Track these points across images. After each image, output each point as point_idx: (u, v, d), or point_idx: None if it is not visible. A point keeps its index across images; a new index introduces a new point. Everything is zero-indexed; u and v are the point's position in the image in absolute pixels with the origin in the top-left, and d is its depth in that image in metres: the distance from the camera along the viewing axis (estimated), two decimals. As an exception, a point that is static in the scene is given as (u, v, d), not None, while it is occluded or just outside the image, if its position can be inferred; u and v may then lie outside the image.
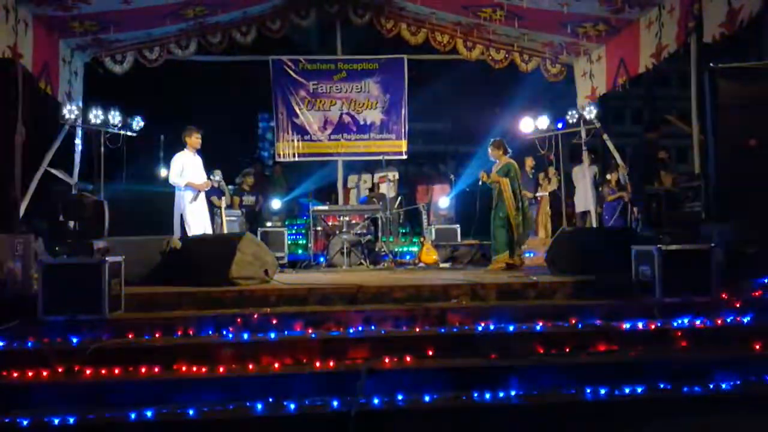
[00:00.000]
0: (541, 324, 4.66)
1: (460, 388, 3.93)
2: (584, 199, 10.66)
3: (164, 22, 8.94)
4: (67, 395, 3.83)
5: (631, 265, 5.35)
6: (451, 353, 4.31)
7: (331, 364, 4.14)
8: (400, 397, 3.83)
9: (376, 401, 3.76)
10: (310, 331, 4.54)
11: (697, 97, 6.88)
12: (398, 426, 3.71)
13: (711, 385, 3.99)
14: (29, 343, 4.29)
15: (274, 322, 4.59)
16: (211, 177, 7.93)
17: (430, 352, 4.30)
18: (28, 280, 4.99)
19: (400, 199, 10.72)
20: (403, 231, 11.24)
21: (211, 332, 4.53)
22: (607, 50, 9.24)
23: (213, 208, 8.97)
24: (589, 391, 3.91)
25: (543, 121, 10.03)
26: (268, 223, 10.81)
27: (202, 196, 7.70)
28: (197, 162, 7.71)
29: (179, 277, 5.80)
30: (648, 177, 8.31)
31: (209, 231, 7.76)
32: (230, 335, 4.47)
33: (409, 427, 3.73)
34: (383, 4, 10.22)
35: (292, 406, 3.71)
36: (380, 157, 10.33)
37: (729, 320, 4.73)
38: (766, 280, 5.17)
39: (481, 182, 7.92)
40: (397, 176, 11.21)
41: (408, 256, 9.85)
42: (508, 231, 7.53)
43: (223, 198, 9.20)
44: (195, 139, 7.64)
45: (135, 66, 9.81)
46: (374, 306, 4.93)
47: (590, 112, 9.44)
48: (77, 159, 9.16)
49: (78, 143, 9.12)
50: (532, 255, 9.54)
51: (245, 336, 4.43)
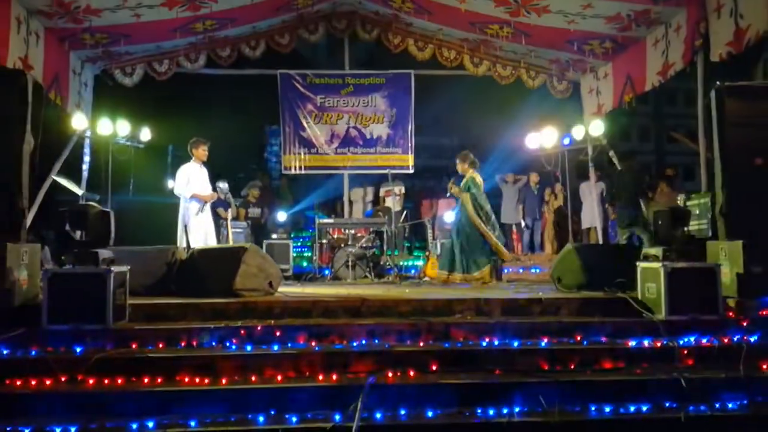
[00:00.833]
0: (545, 340, 4.63)
1: (464, 404, 3.90)
2: (590, 216, 10.65)
3: (174, 36, 9.05)
4: (69, 404, 3.82)
5: (636, 282, 5.33)
6: (455, 368, 4.28)
7: (334, 378, 4.12)
8: (403, 412, 3.81)
9: (379, 416, 3.74)
10: (313, 344, 4.52)
11: (704, 115, 6.89)
12: (400, 441, 3.69)
13: (717, 405, 3.95)
14: (33, 352, 4.29)
15: (278, 334, 4.58)
16: (218, 189, 7.96)
17: (434, 367, 4.28)
18: (34, 289, 5.00)
19: (405, 213, 10.72)
20: (408, 245, 11.23)
21: (214, 344, 4.52)
22: (614, 67, 9.27)
23: (219, 220, 9.00)
24: (594, 408, 3.88)
25: (549, 138, 10.04)
26: (274, 236, 10.82)
27: (207, 207, 7.72)
28: (203, 174, 7.75)
29: (184, 287, 5.80)
30: (633, 202, 8.43)
31: (212, 243, 7.75)
32: (233, 347, 4.46)
33: (411, 443, 3.70)
34: (391, 21, 10.31)
35: (294, 419, 3.70)
36: (386, 171, 10.35)
37: (736, 339, 4.69)
38: (774, 299, 5.13)
39: (448, 194, 7.98)
40: (402, 190, 11.24)
41: (413, 270, 9.83)
42: (485, 242, 7.55)
43: (229, 210, 9.24)
44: (202, 151, 7.68)
45: (144, 78, 9.92)
46: (378, 320, 4.91)
47: (597, 129, 9.44)
48: (85, 169, 9.22)
49: (86, 154, 9.19)
50: (538, 271, 9.52)
51: (248, 348, 4.42)
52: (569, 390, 4.03)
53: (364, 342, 4.58)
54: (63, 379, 4.02)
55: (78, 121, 8.55)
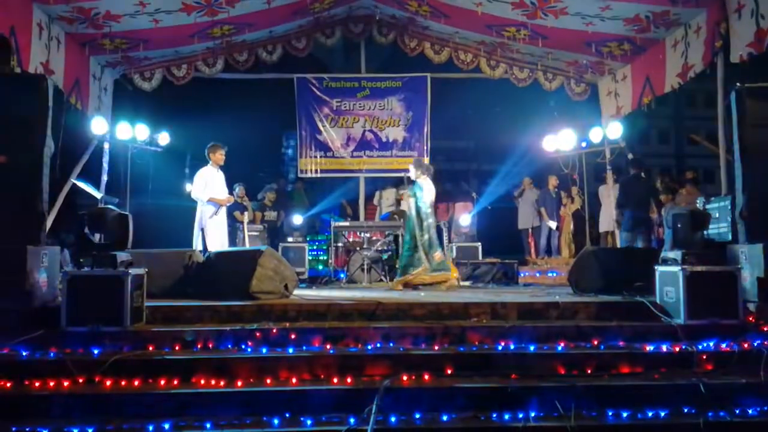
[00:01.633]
0: (562, 345, 4.58)
1: (479, 408, 3.88)
2: (608, 219, 10.54)
3: (192, 41, 9.14)
4: (87, 405, 3.85)
5: (655, 286, 5.27)
6: (471, 372, 4.26)
7: (349, 381, 4.12)
8: (418, 416, 3.80)
9: (393, 419, 3.73)
10: (328, 347, 4.53)
11: (724, 117, 6.80)
12: (415, 445, 3.67)
13: (737, 411, 3.88)
14: (52, 353, 4.34)
15: (293, 337, 4.59)
16: (234, 192, 8.01)
17: (449, 371, 4.26)
18: (53, 291, 5.06)
19: (421, 216, 10.67)
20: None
21: (230, 346, 4.54)
22: (633, 69, 9.19)
23: (235, 223, 9.06)
24: (611, 413, 3.84)
25: (567, 141, 9.97)
26: (290, 239, 10.86)
27: (223, 211, 7.78)
28: (220, 178, 7.81)
29: (200, 290, 5.85)
30: (643, 206, 8.36)
31: (226, 246, 7.81)
32: (249, 349, 4.48)
33: (426, 447, 3.69)
34: (407, 24, 10.32)
35: (309, 422, 3.70)
36: (402, 174, 10.33)
37: (756, 344, 4.60)
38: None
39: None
40: (418, 194, 11.19)
41: (429, 274, 9.78)
42: (413, 251, 7.53)
43: (246, 213, 9.30)
44: (219, 156, 7.74)
45: (163, 83, 10.03)
46: (393, 323, 4.90)
47: (615, 132, 9.36)
48: (104, 173, 9.34)
49: (105, 158, 9.31)
50: (555, 275, 9.45)
51: (264, 350, 4.43)
52: (586, 395, 3.98)
53: (379, 345, 4.57)
54: (81, 381, 4.06)
55: (97, 126, 8.66)
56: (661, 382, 4.15)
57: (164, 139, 9.55)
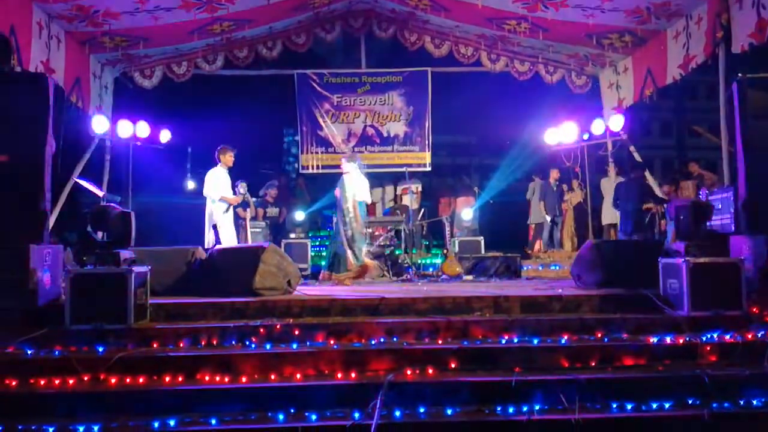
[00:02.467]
0: (566, 337, 4.59)
1: (483, 402, 3.88)
2: (611, 212, 10.52)
3: (192, 38, 9.12)
4: (92, 403, 3.86)
5: (658, 278, 5.26)
6: (474, 366, 4.26)
7: (353, 376, 4.13)
8: (422, 410, 3.80)
9: (398, 413, 3.74)
10: (332, 342, 4.54)
11: (726, 108, 6.78)
12: (420, 439, 3.68)
13: (742, 402, 3.88)
14: (56, 352, 4.35)
15: (297, 332, 4.60)
16: (237, 189, 8.19)
17: (453, 365, 4.27)
18: (57, 290, 5.07)
19: (423, 211, 10.69)
20: (426, 243, 11.20)
21: (234, 342, 4.54)
22: (634, 61, 9.16)
23: (238, 220, 9.08)
24: (615, 406, 3.84)
25: (569, 133, 9.95)
26: (292, 235, 10.86)
27: (231, 209, 8.20)
28: (228, 178, 8.20)
29: (204, 287, 5.85)
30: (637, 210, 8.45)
31: (235, 242, 8.13)
32: (253, 345, 4.49)
33: (431, 441, 3.69)
34: (407, 18, 10.29)
35: (314, 417, 3.71)
36: (403, 169, 10.35)
37: (760, 335, 4.60)
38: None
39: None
40: (420, 188, 11.20)
41: (431, 268, 9.80)
42: (340, 245, 7.88)
43: (248, 210, 9.30)
44: (229, 158, 8.17)
45: (163, 80, 10.02)
46: (396, 318, 4.91)
47: (617, 124, 9.34)
48: (106, 171, 9.35)
49: (107, 156, 9.31)
50: (558, 268, 9.44)
51: (268, 346, 4.44)
52: (590, 387, 3.97)
53: (382, 340, 4.58)
54: (85, 378, 4.08)
55: (99, 124, 8.66)
56: (665, 374, 4.15)
57: (165, 136, 9.55)
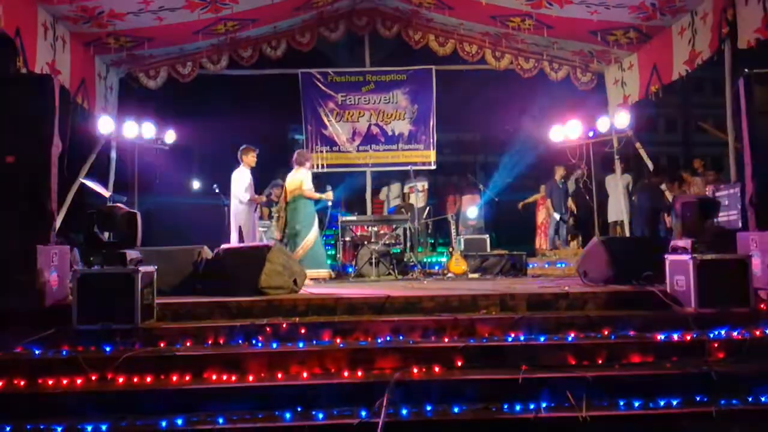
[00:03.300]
0: (572, 335, 4.58)
1: (490, 400, 3.88)
2: (617, 209, 10.50)
3: (196, 38, 9.13)
4: (100, 403, 3.88)
5: (665, 275, 5.25)
6: (481, 364, 4.26)
7: (359, 374, 4.13)
8: (429, 408, 3.80)
9: (405, 412, 3.74)
10: (338, 341, 4.54)
11: (732, 104, 6.74)
12: (427, 437, 3.68)
13: (750, 399, 3.87)
14: (64, 352, 4.37)
15: (303, 331, 4.60)
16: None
17: (459, 363, 4.27)
18: (64, 290, 5.10)
19: (428, 209, 10.69)
20: (432, 241, 11.19)
21: (240, 341, 4.55)
22: (639, 58, 9.13)
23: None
24: (622, 403, 3.83)
25: (574, 130, 9.92)
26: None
27: (257, 208, 8.57)
28: (251, 178, 8.31)
29: (210, 286, 5.86)
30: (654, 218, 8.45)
31: (258, 242, 8.37)
32: (259, 344, 4.49)
33: (437, 439, 3.69)
34: (411, 17, 10.28)
35: (321, 416, 3.72)
36: (408, 168, 10.34)
37: (768, 332, 4.59)
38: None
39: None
40: (425, 186, 11.20)
41: (437, 267, 9.81)
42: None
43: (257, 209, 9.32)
44: (252, 158, 8.27)
45: (168, 81, 10.04)
46: (402, 316, 4.90)
47: (622, 121, 9.30)
48: (112, 172, 9.38)
49: (113, 156, 9.34)
50: (564, 266, 9.43)
51: (274, 345, 4.45)
52: (597, 385, 3.97)
53: (388, 338, 4.58)
54: (93, 378, 4.09)
55: (104, 125, 8.68)
56: (673, 371, 4.14)
57: (170, 136, 9.58)
